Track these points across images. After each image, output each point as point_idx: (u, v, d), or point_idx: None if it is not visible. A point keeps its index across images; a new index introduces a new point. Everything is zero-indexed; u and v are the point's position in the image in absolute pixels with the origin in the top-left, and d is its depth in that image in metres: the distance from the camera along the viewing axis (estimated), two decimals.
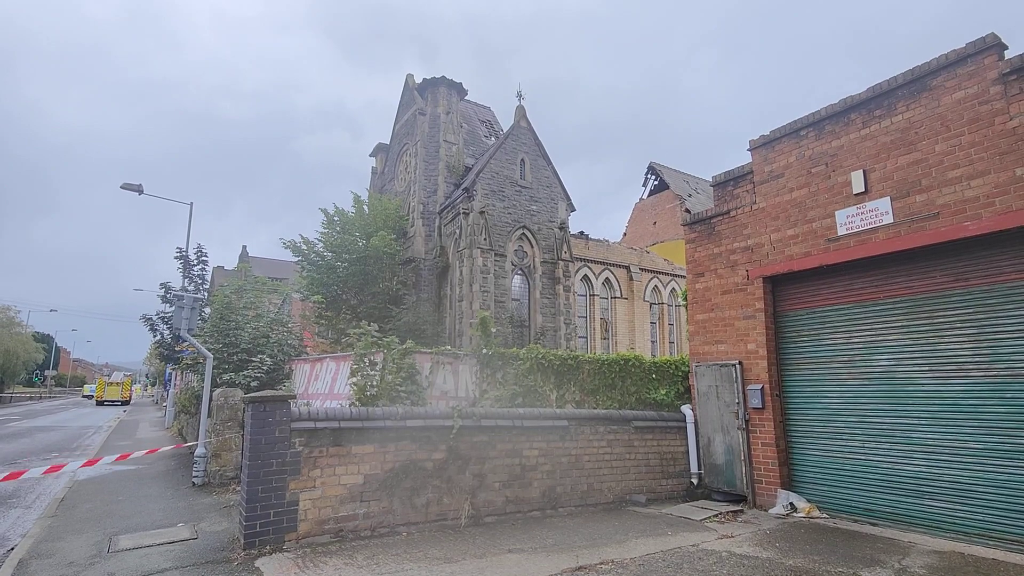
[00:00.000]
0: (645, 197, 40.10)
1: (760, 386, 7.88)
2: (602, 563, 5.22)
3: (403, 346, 8.39)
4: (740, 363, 8.18)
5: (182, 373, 22.10)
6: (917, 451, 6.52)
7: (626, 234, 40.48)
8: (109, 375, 64.56)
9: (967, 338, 6.23)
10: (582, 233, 27.34)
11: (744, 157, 8.62)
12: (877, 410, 6.93)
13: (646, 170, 39.98)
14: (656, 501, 8.21)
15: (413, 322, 20.47)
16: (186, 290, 16.03)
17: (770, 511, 7.41)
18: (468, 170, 24.98)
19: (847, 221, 7.13)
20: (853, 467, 7.08)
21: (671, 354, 26.99)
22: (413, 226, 25.00)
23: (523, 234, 23.00)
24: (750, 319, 8.17)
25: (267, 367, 12.11)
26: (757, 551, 5.67)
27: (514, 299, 22.44)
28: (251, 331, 12.63)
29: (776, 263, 7.91)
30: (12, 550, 6.16)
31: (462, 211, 21.79)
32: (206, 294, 17.58)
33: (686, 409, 8.88)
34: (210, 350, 10.92)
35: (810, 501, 7.33)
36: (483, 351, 8.72)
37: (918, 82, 6.63)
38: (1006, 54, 6.05)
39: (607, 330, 26.71)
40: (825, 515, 7.11)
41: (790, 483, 7.65)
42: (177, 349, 16.16)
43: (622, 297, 27.39)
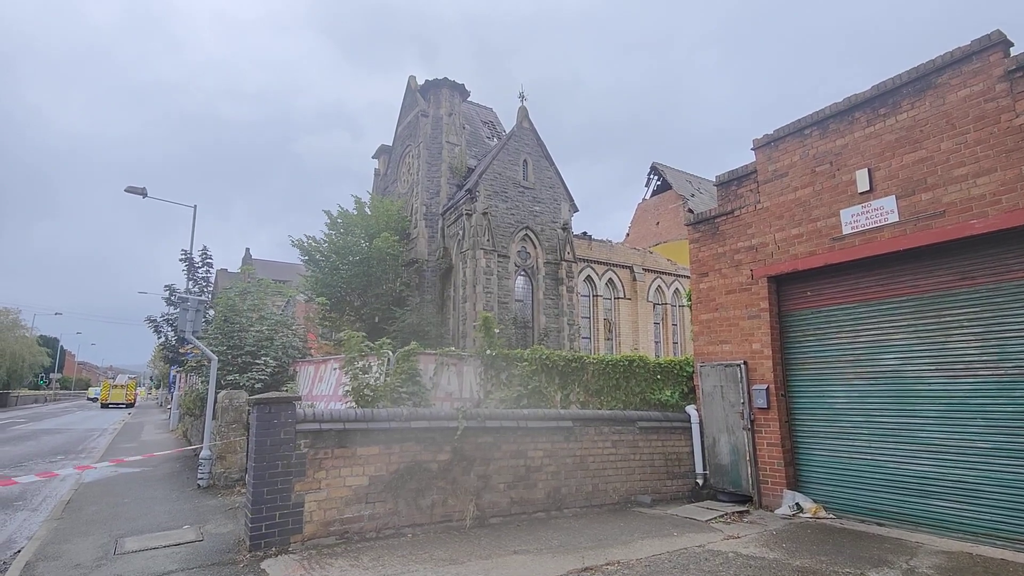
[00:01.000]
0: (648, 197, 40.06)
1: (765, 386, 7.85)
2: (608, 564, 5.21)
3: (405, 348, 8.39)
4: (745, 363, 8.15)
5: (186, 375, 22.16)
6: (924, 451, 6.49)
7: (629, 234, 40.44)
8: (114, 378, 64.83)
9: (974, 336, 6.19)
10: (585, 234, 27.33)
11: (747, 156, 8.62)
12: (884, 410, 6.90)
13: (648, 170, 39.97)
14: (661, 502, 8.18)
15: (416, 323, 20.49)
16: (191, 292, 16.07)
17: (776, 512, 7.38)
18: (471, 171, 24.99)
19: (852, 220, 7.10)
20: (859, 467, 7.04)
21: (675, 354, 26.93)
22: (416, 227, 25.02)
23: (526, 235, 23.00)
24: (755, 319, 8.14)
25: (271, 369, 12.13)
26: (763, 552, 5.65)
27: (517, 300, 22.43)
28: (255, 333, 12.66)
29: (781, 262, 7.89)
30: (19, 552, 6.18)
31: (465, 212, 21.80)
32: (210, 296, 17.63)
33: (691, 409, 8.86)
34: (214, 352, 10.94)
35: (816, 501, 7.30)
36: (487, 352, 8.72)
37: (923, 80, 6.60)
38: (1012, 51, 6.01)
39: (611, 331, 26.68)
40: (831, 515, 7.07)
41: (796, 483, 7.62)
42: (181, 351, 16.21)
43: (625, 298, 27.36)
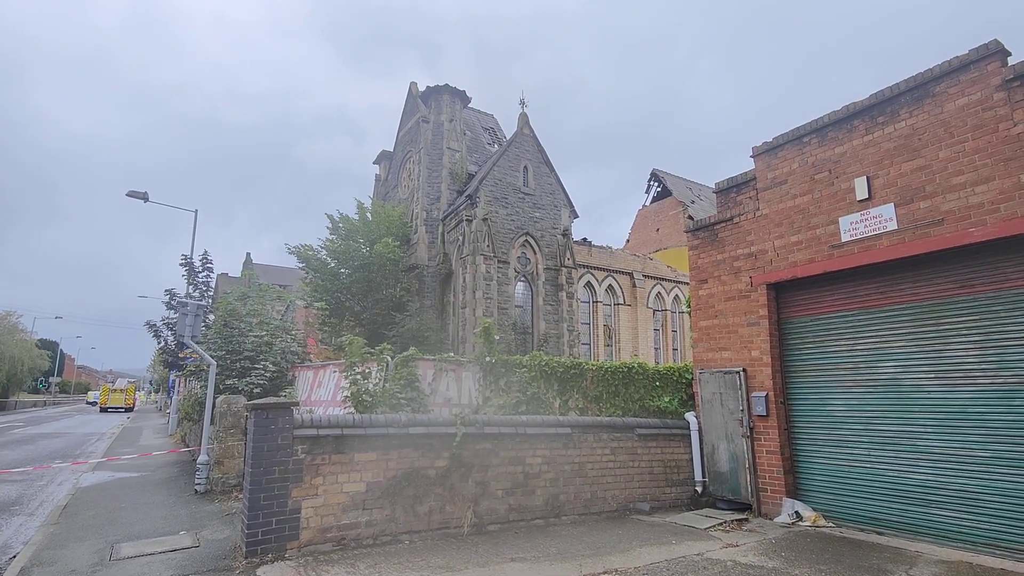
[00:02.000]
0: (648, 204, 40.13)
1: (764, 393, 7.84)
2: (606, 572, 5.18)
3: (404, 353, 8.39)
4: (744, 370, 8.14)
5: (185, 380, 22.13)
6: (923, 459, 6.47)
7: (629, 241, 40.48)
8: (113, 382, 64.75)
9: (973, 345, 6.19)
10: (585, 240, 27.35)
11: (747, 163, 8.64)
12: (883, 418, 6.88)
13: (649, 177, 40.05)
14: (660, 509, 8.15)
15: (416, 329, 20.46)
16: (191, 297, 16.07)
17: (775, 520, 7.35)
18: (471, 177, 25.05)
19: (851, 227, 7.12)
20: (859, 475, 7.02)
21: (675, 361, 26.90)
22: (416, 233, 25.05)
23: (526, 241, 23.02)
24: (754, 326, 8.14)
25: (270, 374, 12.12)
26: (762, 560, 5.62)
27: (517, 306, 22.43)
28: (254, 338, 12.65)
29: (780, 270, 7.89)
30: (14, 558, 6.14)
31: (465, 218, 21.84)
32: (210, 301, 17.63)
33: (690, 416, 8.84)
34: (213, 357, 10.93)
35: (816, 510, 7.27)
36: (486, 358, 8.71)
37: (921, 88, 6.63)
38: (1009, 60, 6.04)
39: (610, 337, 26.65)
40: (831, 524, 7.04)
41: (795, 491, 7.59)
42: (181, 356, 16.20)
43: (625, 304, 27.35)
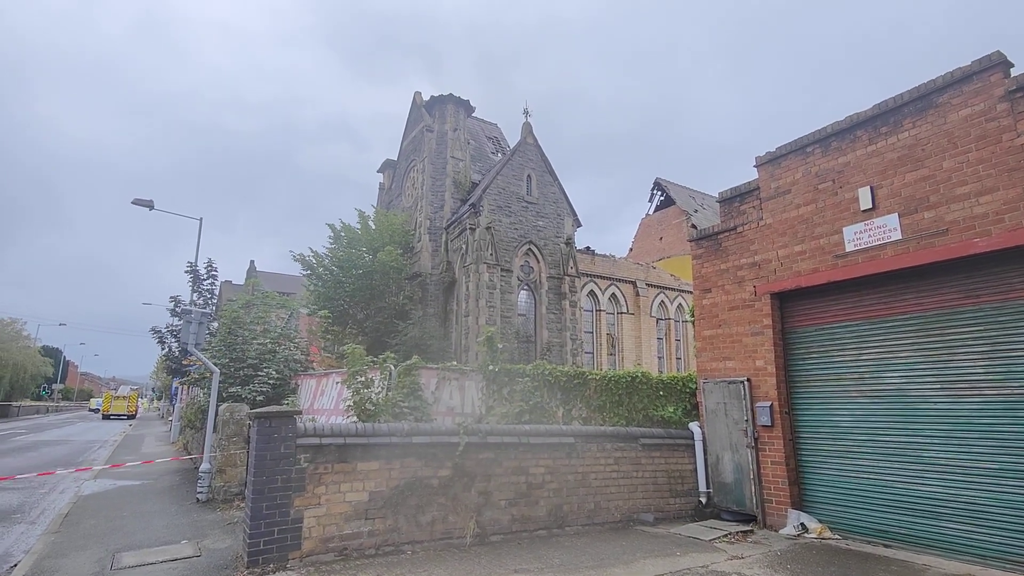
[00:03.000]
0: (651, 212, 40.18)
1: (769, 403, 7.80)
2: None
3: (407, 362, 8.38)
4: (748, 380, 8.11)
5: (188, 387, 22.14)
6: (930, 471, 6.41)
7: (632, 249, 40.49)
8: (116, 389, 64.86)
9: (980, 355, 6.15)
10: (588, 248, 27.38)
11: (750, 172, 8.65)
12: (888, 429, 6.83)
13: (652, 185, 40.13)
14: (664, 520, 8.09)
15: (419, 337, 20.46)
16: (195, 304, 16.11)
17: (781, 531, 7.28)
18: (475, 186, 25.15)
19: (855, 237, 7.11)
20: (865, 487, 6.96)
21: (678, 370, 26.82)
22: (420, 241, 25.12)
23: (529, 249, 23.06)
24: (758, 335, 8.12)
25: (273, 381, 12.12)
26: (768, 573, 5.56)
27: (520, 314, 22.42)
28: (258, 346, 12.67)
29: (784, 279, 7.88)
30: (15, 567, 6.12)
31: (469, 226, 21.89)
32: (214, 308, 17.67)
33: (694, 426, 8.79)
34: (217, 364, 10.94)
35: (821, 521, 7.20)
36: (489, 367, 8.69)
37: (924, 99, 6.64)
38: (1012, 72, 6.06)
39: (613, 346, 26.59)
40: (837, 536, 6.98)
41: (801, 503, 7.53)
42: (185, 363, 16.22)
43: (628, 312, 27.31)
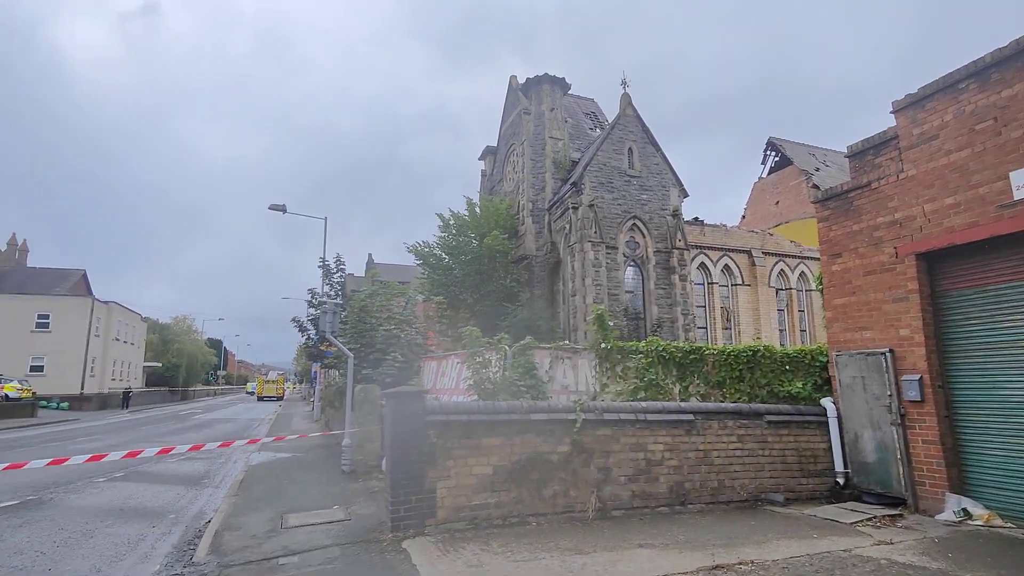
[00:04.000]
0: (765, 175, 37.21)
1: (918, 376, 7.02)
2: (741, 563, 5.00)
3: (521, 342, 8.63)
4: (891, 351, 7.35)
5: (326, 371, 24.54)
6: None
7: (745, 216, 37.87)
8: (266, 374, 74.11)
9: None
10: (696, 219, 26.07)
11: (882, 121, 7.72)
12: None
13: (765, 146, 37.06)
14: (796, 501, 7.65)
15: (528, 318, 20.87)
16: (328, 296, 17.78)
17: (937, 517, 6.59)
18: (575, 164, 24.91)
19: None
20: None
21: (803, 343, 24.83)
22: (523, 224, 25.47)
23: (634, 224, 22.46)
24: (901, 301, 7.31)
25: (399, 364, 13.09)
26: (925, 561, 5.09)
27: (627, 291, 22.01)
28: (384, 332, 13.72)
29: (932, 237, 6.99)
30: (208, 523, 7.31)
31: (571, 206, 21.79)
32: (342, 299, 19.37)
33: (827, 402, 8.17)
34: (350, 349, 12.04)
35: (988, 508, 6.40)
36: (601, 345, 8.70)
37: None
38: None
39: (728, 320, 25.22)
40: (1010, 524, 6.17)
41: (961, 486, 6.74)
42: (322, 348, 18.03)
43: (744, 284, 25.70)
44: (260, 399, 56.47)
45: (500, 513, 6.42)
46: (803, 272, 27.13)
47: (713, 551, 5.39)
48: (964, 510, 6.45)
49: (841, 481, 7.90)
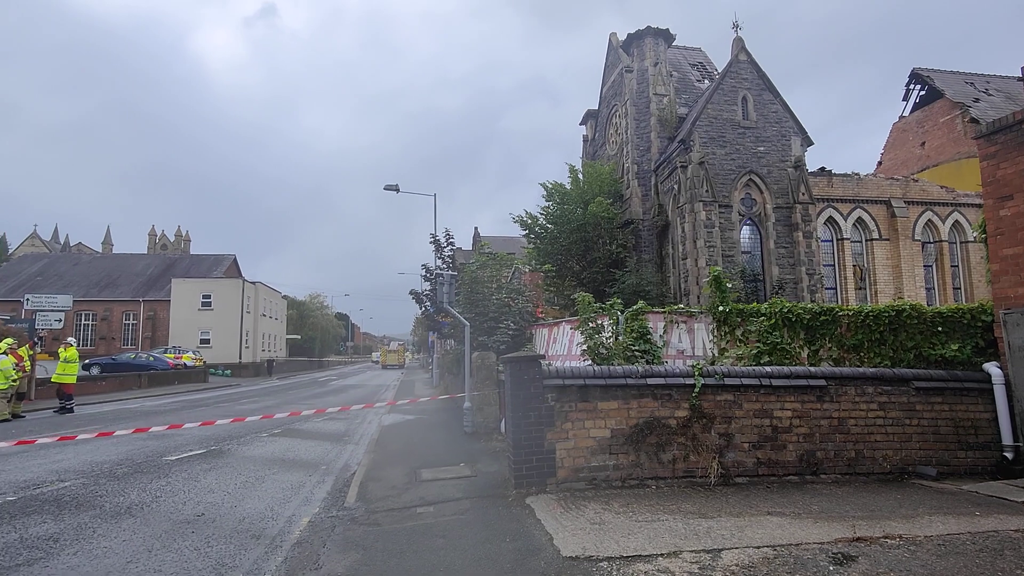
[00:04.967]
0: (906, 114, 32.48)
1: None
2: (886, 537, 4.67)
3: (634, 307, 8.52)
4: None
5: (442, 340, 25.98)
6: None
7: (881, 163, 33.55)
8: (388, 344, 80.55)
9: None
10: (823, 169, 23.59)
11: None
12: None
13: (908, 79, 32.23)
14: (951, 476, 6.93)
15: (636, 284, 20.41)
16: (440, 269, 18.73)
17: None
18: (682, 120, 23.54)
19: None
20: None
21: (956, 301, 21.82)
22: (628, 188, 24.71)
23: (750, 180, 20.87)
24: None
25: (512, 332, 13.54)
26: None
27: (744, 252, 20.65)
28: (496, 301, 14.23)
29: None
30: (353, 474, 8.20)
31: (679, 165, 20.72)
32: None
33: (991, 367, 7.21)
34: (465, 319, 12.65)
35: None
36: (719, 308, 8.34)
37: None
38: None
39: (863, 278, 22.79)
40: None
41: None
42: (440, 319, 19.10)
43: (882, 238, 22.97)
44: (384, 367, 61.56)
45: (619, 475, 6.52)
46: (957, 221, 23.65)
47: (853, 523, 5.08)
48: None
49: (1010, 456, 7.00)
